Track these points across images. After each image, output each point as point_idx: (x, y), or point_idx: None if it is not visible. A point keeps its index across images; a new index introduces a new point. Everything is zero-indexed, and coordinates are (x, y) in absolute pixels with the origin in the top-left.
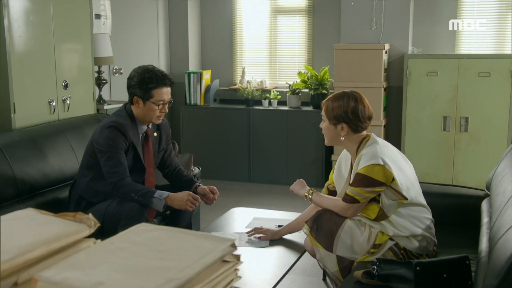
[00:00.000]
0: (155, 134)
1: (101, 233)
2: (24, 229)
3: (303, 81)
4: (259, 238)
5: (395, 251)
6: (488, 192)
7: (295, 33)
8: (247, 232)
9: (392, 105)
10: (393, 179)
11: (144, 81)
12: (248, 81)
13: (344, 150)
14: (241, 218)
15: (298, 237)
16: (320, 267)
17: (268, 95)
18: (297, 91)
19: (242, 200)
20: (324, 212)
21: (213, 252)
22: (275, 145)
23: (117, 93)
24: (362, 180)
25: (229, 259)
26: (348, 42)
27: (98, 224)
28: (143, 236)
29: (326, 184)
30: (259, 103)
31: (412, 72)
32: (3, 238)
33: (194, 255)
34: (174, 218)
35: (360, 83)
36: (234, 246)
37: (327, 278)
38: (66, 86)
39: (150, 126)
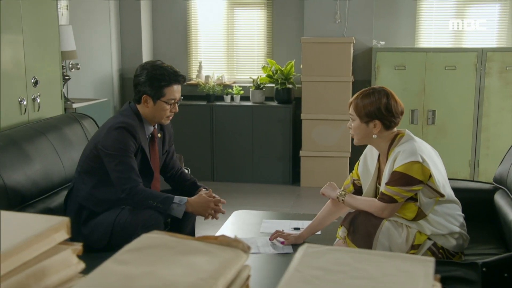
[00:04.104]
0: (159, 135)
1: (109, 246)
2: (178, 259)
3: (269, 76)
4: (282, 243)
5: (433, 251)
6: (500, 186)
7: (253, 26)
8: (270, 238)
9: None
10: (430, 176)
11: (156, 79)
12: (208, 76)
13: (369, 145)
14: (250, 222)
15: (321, 241)
16: None
17: (230, 90)
18: (261, 86)
19: None
20: (360, 214)
21: (425, 277)
22: (239, 142)
23: (75, 90)
24: (400, 178)
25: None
26: (312, 36)
27: (251, 248)
28: (323, 259)
29: (350, 179)
30: (221, 98)
31: (380, 65)
32: (166, 274)
33: (409, 282)
34: (176, 223)
35: (328, 77)
36: (433, 267)
37: None
38: (35, 83)
39: (156, 126)
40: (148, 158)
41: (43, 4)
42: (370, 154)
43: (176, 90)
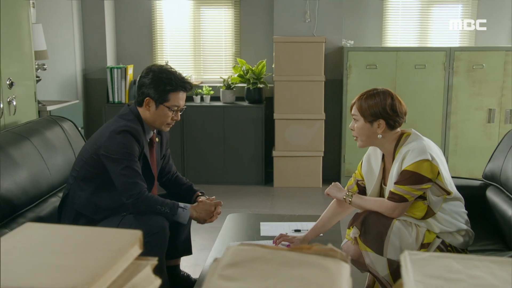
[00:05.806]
0: (156, 139)
1: None
2: (286, 273)
3: (240, 76)
4: (288, 246)
5: (442, 249)
6: (492, 183)
7: (221, 25)
8: (274, 242)
9: (329, 99)
10: (439, 173)
11: (162, 82)
12: None
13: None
14: (248, 225)
15: (326, 242)
16: (370, 272)
17: (200, 90)
18: (232, 86)
19: None
20: (370, 215)
21: None
22: (210, 143)
23: (41, 92)
24: (410, 177)
25: None
26: (281, 35)
27: (349, 257)
28: (433, 267)
29: (353, 179)
30: (190, 99)
31: (352, 65)
32: None
33: None
34: (172, 229)
35: (301, 76)
36: None
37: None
38: (11, 85)
39: (155, 131)
40: (150, 163)
41: (15, 3)
42: (374, 155)
43: (181, 97)
